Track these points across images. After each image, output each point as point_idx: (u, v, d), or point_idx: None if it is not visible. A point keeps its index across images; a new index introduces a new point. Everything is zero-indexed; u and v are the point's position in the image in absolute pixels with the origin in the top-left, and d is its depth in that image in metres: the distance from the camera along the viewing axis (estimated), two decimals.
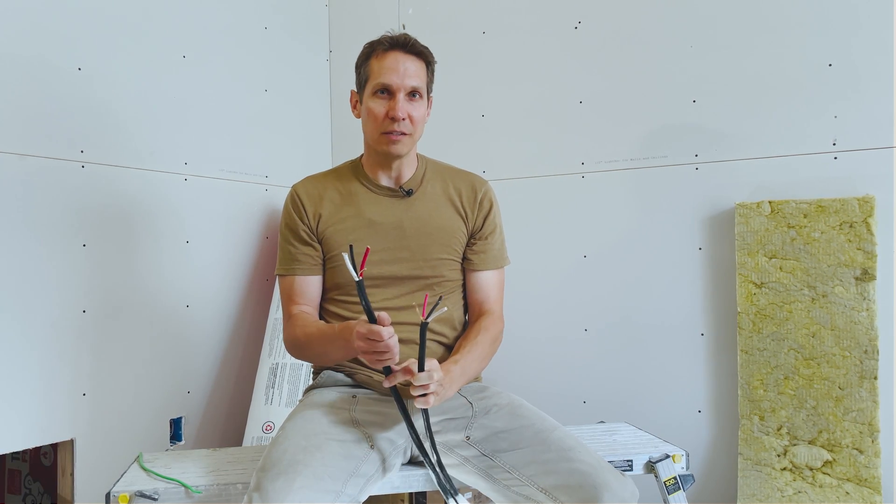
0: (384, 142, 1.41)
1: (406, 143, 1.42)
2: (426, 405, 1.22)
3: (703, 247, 2.12)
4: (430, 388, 1.21)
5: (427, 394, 1.21)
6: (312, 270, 1.48)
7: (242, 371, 2.37)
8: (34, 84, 1.75)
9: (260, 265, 2.43)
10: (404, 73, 1.39)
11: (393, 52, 1.40)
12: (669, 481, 1.46)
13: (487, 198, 1.53)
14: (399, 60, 1.39)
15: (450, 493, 1.29)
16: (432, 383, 1.21)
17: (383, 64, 1.40)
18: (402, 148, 1.42)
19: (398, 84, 1.38)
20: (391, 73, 1.38)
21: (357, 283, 1.18)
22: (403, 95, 1.39)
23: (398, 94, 1.38)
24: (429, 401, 1.21)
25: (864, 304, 1.85)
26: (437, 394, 1.23)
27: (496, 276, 1.55)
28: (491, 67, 2.44)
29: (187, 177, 2.16)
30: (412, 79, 1.40)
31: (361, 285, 1.18)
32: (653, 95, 2.19)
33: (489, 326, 1.48)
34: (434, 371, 1.22)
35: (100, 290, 1.90)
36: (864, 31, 1.91)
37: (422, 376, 1.20)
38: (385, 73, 1.39)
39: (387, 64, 1.39)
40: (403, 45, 1.41)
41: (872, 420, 1.83)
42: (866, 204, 1.85)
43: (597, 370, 2.26)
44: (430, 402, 1.22)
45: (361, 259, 1.19)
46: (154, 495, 1.32)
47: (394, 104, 1.38)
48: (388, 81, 1.39)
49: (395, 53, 1.40)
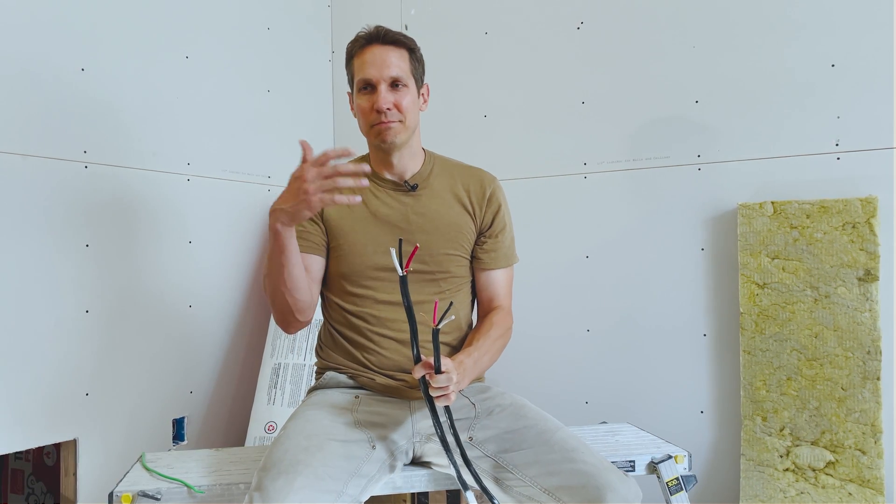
0: (375, 133, 1.42)
1: (398, 130, 1.42)
2: (445, 402, 1.22)
3: (706, 247, 2.12)
4: (448, 389, 1.21)
5: (447, 393, 1.21)
6: (315, 249, 1.47)
7: (245, 371, 2.37)
8: (37, 84, 1.75)
9: (262, 265, 2.43)
10: (382, 64, 1.40)
11: (370, 46, 1.42)
12: (672, 482, 1.46)
13: (496, 195, 1.52)
14: (376, 53, 1.41)
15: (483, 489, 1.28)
16: (451, 384, 1.21)
17: (363, 59, 1.42)
18: (395, 135, 1.42)
19: (377, 76, 1.40)
20: (370, 66, 1.40)
21: (401, 278, 1.18)
22: (385, 87, 1.40)
23: (380, 87, 1.40)
24: (449, 398, 1.22)
25: (867, 304, 1.85)
26: (455, 392, 1.23)
27: (506, 273, 1.55)
28: (493, 68, 2.44)
29: (190, 177, 2.16)
30: (392, 69, 1.40)
31: (405, 281, 1.19)
32: (655, 96, 2.19)
33: (500, 322, 1.48)
34: (452, 373, 1.22)
35: (103, 290, 1.90)
36: (867, 32, 1.91)
37: (440, 378, 1.20)
38: (364, 68, 1.41)
39: (365, 59, 1.41)
40: (377, 37, 1.42)
41: (875, 421, 1.83)
42: (869, 204, 1.85)
43: (599, 370, 2.26)
44: (450, 399, 1.22)
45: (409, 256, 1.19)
46: (157, 495, 1.33)
47: (376, 97, 1.39)
48: (368, 76, 1.40)
49: (371, 48, 1.42)
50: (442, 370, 1.21)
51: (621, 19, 2.24)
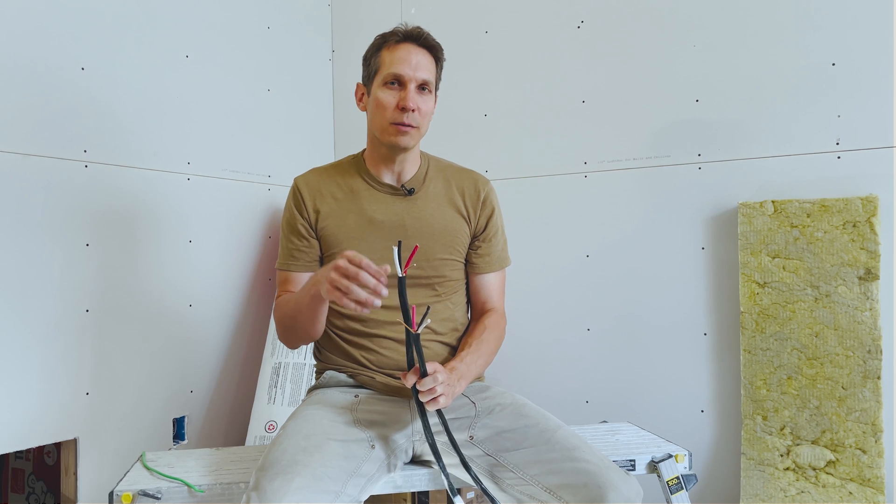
0: (392, 132, 1.40)
1: (413, 136, 1.41)
2: (438, 406, 1.22)
3: (706, 246, 2.12)
4: (437, 391, 1.21)
5: (436, 396, 1.22)
6: (308, 267, 1.48)
7: (245, 370, 2.37)
8: (37, 84, 1.75)
9: (262, 265, 2.43)
10: (416, 65, 1.39)
11: (405, 43, 1.41)
12: (672, 481, 1.46)
13: (490, 198, 1.53)
14: (411, 52, 1.40)
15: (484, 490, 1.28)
16: (438, 385, 1.21)
17: (395, 55, 1.40)
18: (410, 140, 1.41)
19: (410, 75, 1.38)
20: (403, 63, 1.38)
21: (399, 279, 1.18)
22: (414, 87, 1.39)
23: (409, 85, 1.38)
24: (439, 401, 1.22)
25: (868, 303, 1.84)
26: (445, 394, 1.23)
27: (499, 276, 1.56)
28: (493, 67, 2.44)
29: (190, 176, 2.16)
30: (423, 71, 1.40)
31: (403, 282, 1.18)
32: (656, 95, 2.19)
33: (492, 325, 1.48)
34: (438, 373, 1.22)
35: (103, 289, 1.90)
36: (868, 31, 1.91)
37: (426, 381, 1.20)
38: (397, 64, 1.39)
39: (399, 55, 1.39)
40: (416, 37, 1.41)
41: (876, 420, 1.83)
42: (870, 203, 1.85)
43: (599, 370, 2.26)
44: (440, 403, 1.22)
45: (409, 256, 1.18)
46: (157, 494, 1.33)
47: (405, 94, 1.38)
48: (400, 72, 1.38)
49: (407, 45, 1.40)
50: (428, 372, 1.21)
51: (622, 18, 2.24)
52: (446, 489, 1.28)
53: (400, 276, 1.18)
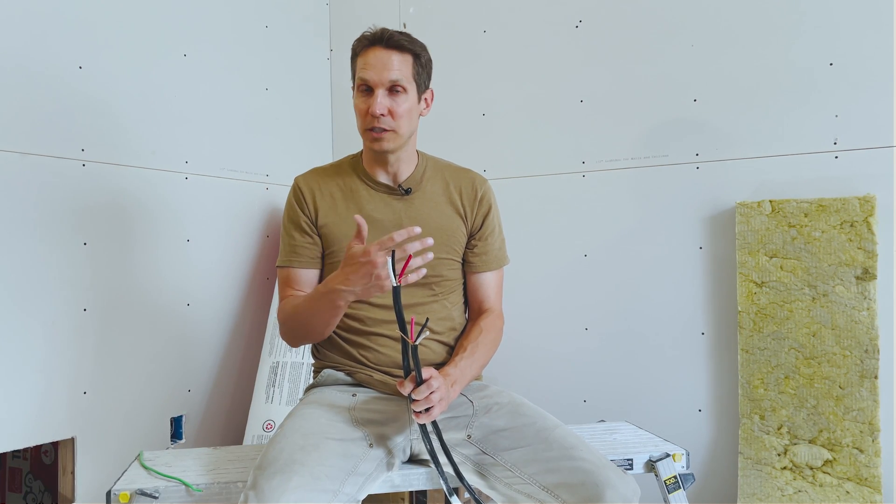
0: (368, 138, 1.42)
1: (390, 139, 1.41)
2: (429, 419, 1.22)
3: (704, 246, 2.12)
4: (432, 400, 1.21)
5: (429, 408, 1.21)
6: (311, 263, 1.48)
7: (243, 369, 2.37)
8: (35, 82, 1.75)
9: (260, 264, 2.43)
10: (382, 67, 1.39)
11: (372, 48, 1.41)
12: (670, 480, 1.46)
13: (487, 197, 1.53)
14: (378, 56, 1.40)
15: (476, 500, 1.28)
16: (433, 393, 1.21)
17: (364, 60, 1.41)
18: (387, 144, 1.41)
19: (376, 79, 1.39)
20: (369, 68, 1.39)
21: (394, 288, 1.18)
22: (383, 91, 1.39)
23: (377, 90, 1.39)
24: (431, 413, 1.22)
25: (865, 303, 1.85)
26: (436, 407, 1.23)
27: (496, 275, 1.55)
28: (492, 66, 2.44)
29: (188, 175, 2.16)
30: (391, 72, 1.39)
31: (398, 291, 1.18)
32: (653, 94, 2.19)
33: (488, 327, 1.48)
34: (434, 379, 1.22)
35: (100, 288, 1.90)
36: (865, 31, 1.91)
37: (421, 389, 1.20)
38: (364, 70, 1.40)
39: (366, 60, 1.40)
40: (380, 39, 1.41)
41: (873, 419, 1.83)
42: (867, 203, 1.85)
43: (597, 369, 2.26)
44: (431, 415, 1.22)
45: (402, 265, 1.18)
46: (155, 493, 1.32)
47: (372, 100, 1.39)
48: (366, 77, 1.39)
49: (374, 49, 1.40)
50: (423, 379, 1.20)
51: (620, 18, 2.24)
52: (457, 482, 1.29)
53: (394, 286, 1.17)
